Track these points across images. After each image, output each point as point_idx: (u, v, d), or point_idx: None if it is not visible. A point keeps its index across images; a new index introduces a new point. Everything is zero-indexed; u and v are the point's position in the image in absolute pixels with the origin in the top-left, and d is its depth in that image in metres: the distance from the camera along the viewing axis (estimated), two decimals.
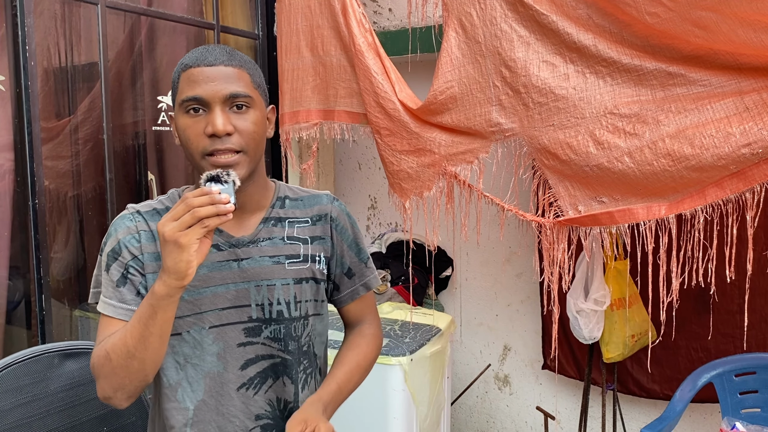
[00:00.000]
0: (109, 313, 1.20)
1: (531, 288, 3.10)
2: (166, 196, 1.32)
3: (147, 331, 1.09)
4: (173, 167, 2.70)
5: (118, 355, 1.11)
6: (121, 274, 1.21)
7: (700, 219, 1.81)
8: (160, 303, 1.07)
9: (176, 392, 1.25)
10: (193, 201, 1.02)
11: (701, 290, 2.31)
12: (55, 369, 1.58)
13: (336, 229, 1.37)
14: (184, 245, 1.02)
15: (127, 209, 1.28)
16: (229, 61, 1.18)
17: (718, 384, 2.35)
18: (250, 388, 1.27)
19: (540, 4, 1.98)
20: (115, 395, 1.15)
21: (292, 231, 1.31)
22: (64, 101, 2.34)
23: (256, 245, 1.27)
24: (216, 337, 1.24)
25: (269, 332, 1.27)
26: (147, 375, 1.14)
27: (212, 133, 1.14)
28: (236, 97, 1.17)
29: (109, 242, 1.24)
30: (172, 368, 1.25)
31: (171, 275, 1.04)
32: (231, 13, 2.93)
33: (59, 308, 2.34)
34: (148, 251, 1.22)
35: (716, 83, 1.78)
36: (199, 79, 1.15)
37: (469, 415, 3.40)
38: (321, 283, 1.35)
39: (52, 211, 2.25)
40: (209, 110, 1.15)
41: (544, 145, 2.03)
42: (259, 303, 1.26)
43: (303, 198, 1.37)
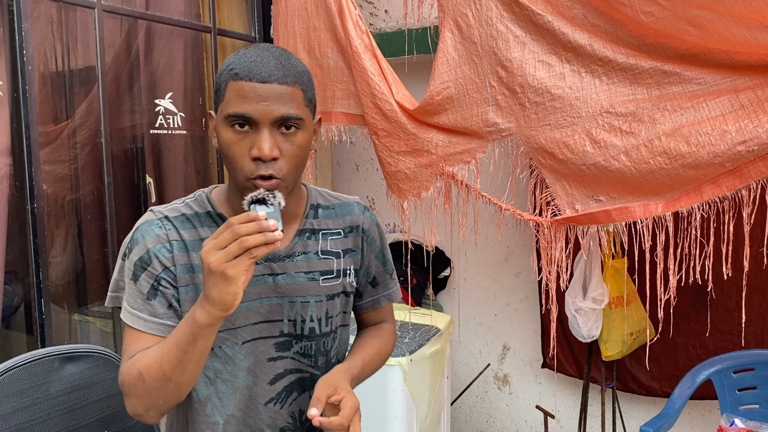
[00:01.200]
0: (140, 327, 1.14)
1: (529, 287, 3.10)
2: (193, 199, 1.24)
3: (185, 357, 1.04)
4: (171, 170, 2.71)
5: (153, 378, 1.06)
6: (151, 286, 1.15)
7: (697, 216, 1.82)
8: (202, 331, 1.02)
9: (205, 407, 1.22)
10: (240, 229, 0.95)
11: (699, 288, 2.32)
12: (56, 372, 1.58)
13: (366, 241, 1.35)
14: (232, 277, 0.95)
15: (152, 213, 1.21)
16: (284, 78, 1.09)
17: (717, 381, 2.36)
18: (277, 403, 1.24)
19: (535, 4, 1.99)
20: (147, 413, 1.11)
21: (325, 244, 1.28)
22: (61, 105, 2.35)
23: (292, 260, 1.23)
24: (248, 352, 1.21)
25: (299, 348, 1.25)
26: (181, 396, 1.11)
27: (257, 156, 1.07)
28: (287, 119, 1.09)
29: (136, 250, 1.16)
30: (202, 383, 1.21)
31: (215, 306, 0.98)
32: (227, 15, 2.94)
33: (58, 312, 2.35)
34: (180, 263, 1.16)
35: (711, 81, 1.79)
36: (250, 96, 1.07)
37: (469, 414, 3.40)
38: (350, 296, 1.34)
39: (50, 215, 2.25)
40: (256, 129, 1.08)
41: (540, 144, 2.04)
42: (291, 319, 1.24)
43: (335, 206, 1.33)
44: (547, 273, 2.11)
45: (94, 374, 1.63)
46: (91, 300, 2.46)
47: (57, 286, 2.35)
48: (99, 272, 2.43)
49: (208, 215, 1.21)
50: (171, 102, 2.62)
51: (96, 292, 2.45)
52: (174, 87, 2.66)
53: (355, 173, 3.58)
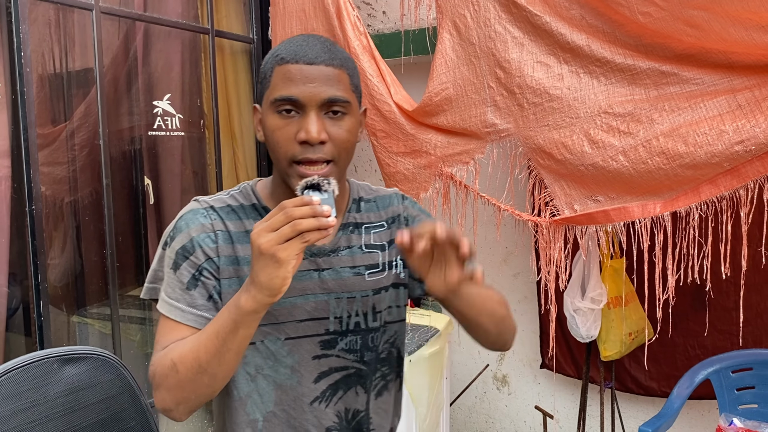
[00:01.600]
0: (176, 318, 1.10)
1: (528, 288, 3.10)
2: (238, 191, 1.21)
3: (225, 347, 1.00)
4: (169, 172, 2.70)
5: (187, 368, 1.02)
6: (192, 276, 1.11)
7: (695, 216, 1.82)
8: (245, 318, 0.98)
9: (245, 405, 1.18)
10: (294, 212, 0.92)
11: (697, 287, 2.32)
12: (55, 374, 1.57)
13: (411, 227, 1.27)
14: (283, 260, 0.92)
15: (197, 202, 1.17)
16: (330, 60, 1.07)
17: (715, 380, 2.36)
18: (322, 402, 1.20)
19: (533, 5, 2.00)
20: (177, 408, 1.07)
21: (369, 238, 1.24)
22: (60, 107, 2.35)
23: (337, 255, 1.20)
24: (291, 349, 1.17)
25: (344, 344, 1.20)
26: (215, 390, 1.07)
27: (305, 140, 1.05)
28: (334, 102, 1.07)
29: (179, 238, 1.13)
30: (243, 380, 1.17)
31: (263, 290, 0.95)
32: (225, 17, 2.94)
33: (57, 314, 2.34)
34: (224, 254, 1.13)
35: (709, 81, 1.79)
36: (296, 78, 1.05)
37: (468, 415, 3.40)
38: (400, 288, 1.27)
39: (49, 217, 2.25)
40: (303, 114, 1.06)
41: (539, 145, 2.04)
42: (337, 316, 1.19)
43: (376, 199, 1.29)
44: (546, 273, 2.11)
45: (93, 376, 1.63)
46: (90, 302, 2.46)
47: (56, 288, 2.34)
48: (98, 274, 2.43)
49: (253, 207, 1.18)
50: (169, 103, 2.62)
51: (95, 293, 2.45)
52: (172, 89, 2.66)
53: (353, 174, 3.58)
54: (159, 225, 2.66)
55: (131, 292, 2.61)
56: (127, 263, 2.55)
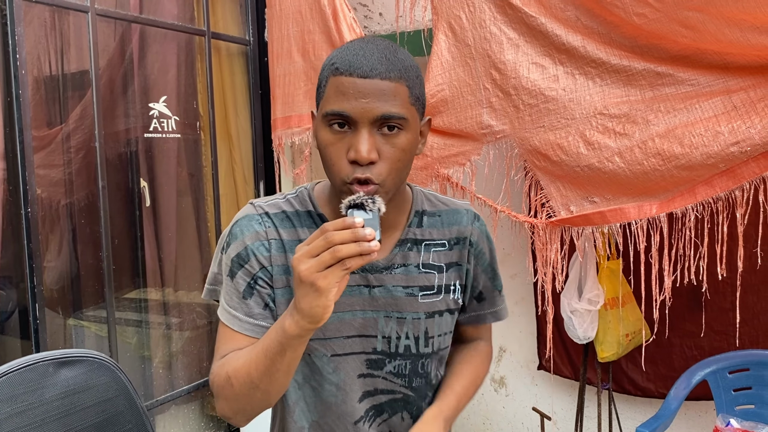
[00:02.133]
0: (234, 327, 1.10)
1: (525, 289, 3.10)
2: (295, 195, 1.18)
3: (274, 367, 1.00)
4: (165, 174, 2.70)
5: (241, 384, 1.03)
6: (247, 284, 1.11)
7: (691, 217, 1.83)
8: (291, 342, 0.97)
9: (293, 412, 1.19)
10: (334, 237, 0.88)
11: (693, 288, 2.32)
12: (50, 377, 1.57)
13: (473, 254, 1.24)
14: (323, 289, 0.89)
15: (252, 207, 1.15)
16: (387, 72, 1.00)
17: (712, 381, 2.36)
18: (365, 422, 1.18)
19: (528, 7, 2.00)
20: (236, 417, 1.09)
21: (428, 257, 1.19)
22: (55, 109, 2.34)
23: (390, 272, 1.15)
24: (337, 367, 1.15)
25: (392, 367, 1.17)
26: (270, 403, 1.07)
27: (354, 159, 1.00)
28: (389, 119, 1.01)
29: (234, 245, 1.12)
30: (291, 388, 1.17)
31: (305, 317, 0.93)
32: (222, 19, 2.94)
33: (53, 317, 2.34)
34: (277, 263, 1.12)
35: (704, 82, 1.80)
36: (349, 93, 1.00)
37: (465, 417, 3.40)
38: (455, 313, 1.23)
39: (44, 220, 2.24)
40: (355, 130, 1.01)
41: (535, 146, 2.04)
42: (386, 335, 1.16)
43: (442, 213, 1.23)
44: (542, 274, 2.11)
45: (88, 379, 1.63)
46: (86, 304, 2.45)
47: (51, 291, 2.34)
48: (93, 276, 2.42)
49: (308, 215, 1.16)
50: (165, 105, 2.62)
51: (91, 296, 2.45)
52: (168, 90, 2.66)
53: None
54: (155, 227, 2.66)
55: (127, 294, 2.61)
56: (123, 266, 2.54)
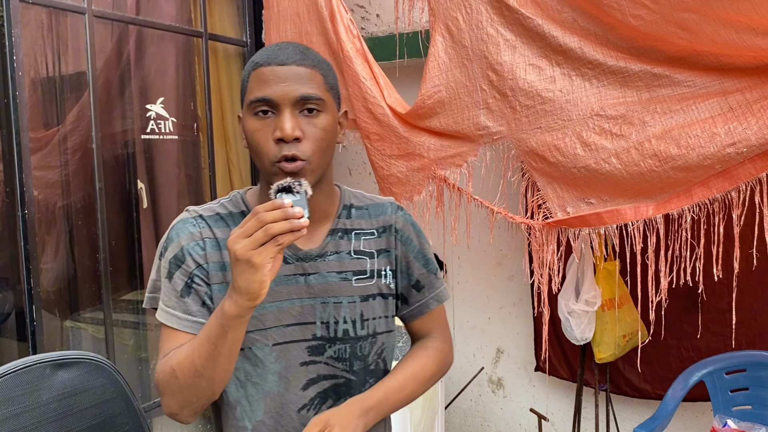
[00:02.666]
0: (174, 325, 1.14)
1: (523, 290, 3.11)
2: (228, 199, 1.24)
3: (216, 351, 1.04)
4: (163, 175, 2.70)
5: (185, 374, 1.06)
6: (185, 284, 1.15)
7: (687, 218, 1.83)
8: (231, 323, 1.01)
9: (235, 410, 1.21)
10: (266, 216, 0.95)
11: (690, 289, 2.32)
12: (47, 379, 1.57)
13: (400, 240, 1.30)
14: (258, 265, 0.95)
15: (187, 212, 1.21)
16: (302, 60, 1.11)
17: (709, 382, 2.36)
18: (310, 410, 1.21)
19: (525, 8, 2.00)
20: (182, 412, 1.11)
21: (358, 244, 1.25)
22: (52, 111, 2.34)
23: (324, 259, 1.21)
24: (279, 355, 1.19)
25: (333, 352, 1.21)
26: (215, 393, 1.11)
27: (280, 137, 1.08)
28: (307, 99, 1.10)
29: (170, 248, 1.17)
30: (232, 385, 1.20)
31: (243, 295, 0.98)
32: (219, 20, 2.94)
33: (50, 319, 2.33)
34: (213, 260, 1.16)
35: (700, 84, 1.80)
36: (269, 79, 1.09)
37: (463, 418, 3.40)
38: (389, 298, 1.28)
39: (41, 222, 2.24)
40: (278, 113, 1.09)
41: (531, 147, 2.04)
42: (324, 321, 1.20)
43: (368, 206, 1.30)
44: (539, 275, 2.11)
45: (85, 381, 1.62)
46: (83, 306, 2.45)
47: (48, 293, 2.34)
48: (90, 278, 2.42)
49: (242, 214, 1.21)
50: (162, 107, 2.62)
51: (88, 298, 2.44)
52: (165, 92, 2.66)
53: (347, 177, 3.58)
54: (153, 229, 2.66)
55: (125, 296, 2.61)
56: (120, 267, 2.54)
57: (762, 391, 2.32)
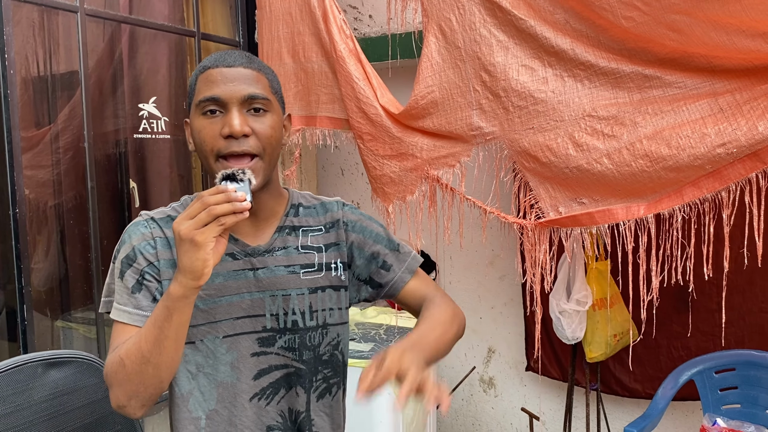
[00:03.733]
0: (124, 320, 1.17)
1: (514, 290, 3.12)
2: (179, 203, 1.29)
3: (162, 334, 1.06)
4: (155, 175, 2.69)
5: (132, 361, 1.08)
6: (136, 281, 1.18)
7: (678, 218, 1.84)
8: (176, 304, 1.04)
9: (188, 402, 1.23)
10: (209, 199, 1.00)
11: (680, 289, 2.34)
12: (39, 378, 1.56)
13: (351, 231, 1.34)
14: (201, 243, 0.99)
15: (140, 216, 1.25)
16: (249, 63, 1.18)
17: (699, 381, 2.39)
18: (262, 399, 1.25)
19: (518, 9, 2.01)
20: (129, 403, 1.12)
21: (306, 240, 1.30)
22: (44, 110, 2.33)
23: (272, 254, 1.26)
24: (230, 347, 1.22)
25: (283, 342, 1.25)
26: (162, 381, 1.11)
27: (229, 133, 1.12)
28: (254, 98, 1.15)
29: (122, 249, 1.20)
30: (184, 378, 1.23)
31: (187, 275, 1.02)
32: (212, 20, 2.93)
33: (41, 319, 2.32)
34: (164, 258, 1.20)
35: (691, 85, 1.82)
36: (218, 80, 1.14)
37: (454, 418, 3.41)
38: (341, 290, 1.32)
39: (33, 221, 2.23)
40: (226, 111, 1.14)
41: (524, 147, 2.05)
42: (273, 313, 1.25)
43: (315, 206, 1.35)
44: (531, 275, 2.12)
45: (77, 380, 1.62)
46: (74, 306, 2.44)
47: (39, 292, 2.32)
48: (82, 278, 2.41)
49: None
50: (155, 106, 2.61)
51: (79, 297, 2.43)
52: (158, 91, 2.65)
53: (340, 177, 3.58)
54: None
55: None
56: None
57: (751, 389, 2.34)
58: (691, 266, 1.88)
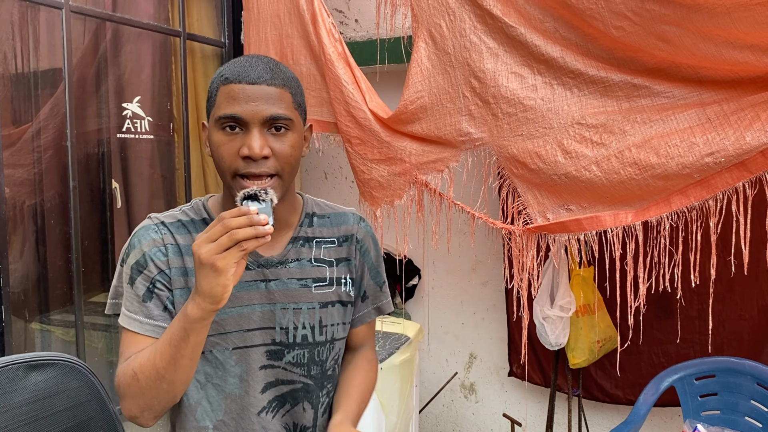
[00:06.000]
0: (135, 329, 1.15)
1: (497, 296, 3.13)
2: (190, 207, 1.26)
3: (178, 353, 1.05)
4: (138, 175, 2.65)
5: (147, 377, 1.07)
6: (147, 289, 1.16)
7: (666, 226, 1.87)
8: (193, 326, 1.03)
9: (195, 411, 1.22)
10: (231, 222, 0.97)
11: (661, 296, 2.37)
12: (20, 381, 1.52)
13: (360, 251, 1.34)
14: (221, 269, 0.97)
15: (150, 219, 1.23)
16: (272, 80, 1.13)
17: (680, 387, 2.41)
18: (269, 412, 1.24)
19: (508, 17, 2.03)
20: (142, 415, 1.11)
21: (319, 252, 1.28)
22: (26, 107, 2.28)
23: (285, 266, 1.24)
24: (239, 359, 1.21)
25: (291, 357, 1.24)
26: (176, 395, 1.12)
27: (248, 155, 1.10)
28: (276, 119, 1.12)
29: (132, 254, 1.18)
30: (193, 387, 1.21)
31: (206, 299, 1.00)
32: (197, 20, 2.91)
33: (16, 321, 2.27)
34: (175, 266, 1.18)
35: (679, 95, 1.85)
36: (239, 97, 1.11)
37: (435, 423, 3.41)
38: (347, 306, 1.31)
39: (12, 220, 2.18)
40: (246, 130, 1.11)
41: (513, 154, 2.07)
42: (283, 326, 1.23)
43: (330, 215, 1.33)
44: (518, 281, 2.13)
45: (59, 383, 1.58)
46: (53, 307, 2.39)
47: (17, 294, 2.27)
48: (62, 279, 2.36)
49: (203, 222, 1.23)
50: (139, 106, 2.57)
51: (58, 299, 2.38)
52: (142, 91, 2.61)
53: (323, 181, 3.57)
54: (126, 229, 2.61)
55: (95, 298, 2.55)
56: (92, 268, 2.48)
57: (730, 396, 2.38)
58: (679, 273, 1.91)
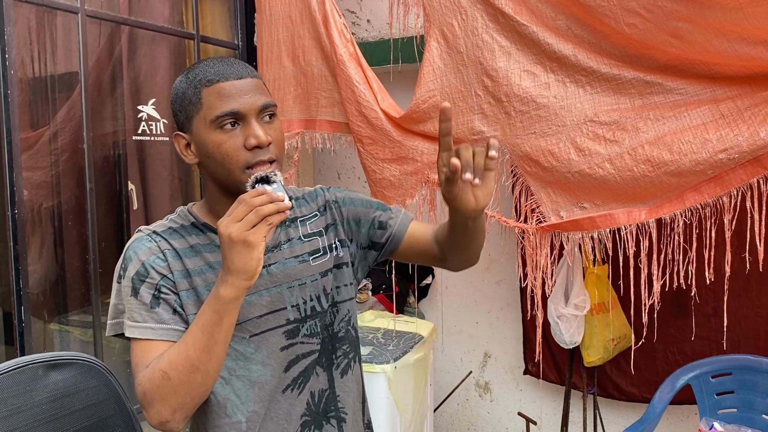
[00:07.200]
0: (150, 336, 1.15)
1: (511, 295, 3.13)
2: (176, 215, 1.29)
3: (212, 339, 1.07)
4: (154, 177, 2.68)
5: (180, 372, 1.08)
6: (152, 296, 1.17)
7: (679, 223, 1.86)
8: (227, 307, 1.06)
9: (225, 408, 1.23)
10: (254, 200, 1.03)
11: (676, 294, 2.36)
12: (40, 380, 1.55)
13: (341, 207, 1.37)
14: (254, 243, 1.02)
15: (140, 232, 1.25)
16: (251, 73, 1.20)
17: (696, 386, 2.40)
18: (294, 389, 1.26)
19: (520, 15, 2.03)
20: (174, 417, 1.11)
21: (305, 228, 1.33)
22: (43, 111, 2.31)
23: (279, 249, 1.28)
24: (258, 346, 1.23)
25: (306, 329, 1.28)
26: (208, 389, 1.13)
27: (256, 145, 1.14)
28: (267, 107, 1.18)
29: (130, 266, 1.19)
30: (218, 385, 1.22)
31: (240, 275, 1.04)
32: (211, 23, 2.93)
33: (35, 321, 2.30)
34: (176, 269, 1.20)
35: (692, 92, 1.83)
36: (233, 93, 1.15)
37: (450, 422, 3.41)
38: (343, 267, 1.35)
39: (31, 222, 2.21)
40: (244, 123, 1.16)
41: (526, 152, 2.07)
42: (294, 304, 1.27)
43: (304, 196, 1.39)
44: (532, 279, 2.13)
45: (78, 382, 1.61)
46: (71, 308, 2.42)
47: (36, 294, 2.30)
48: (79, 280, 2.39)
49: (193, 226, 1.26)
50: (154, 108, 2.60)
51: (76, 300, 2.41)
52: (157, 93, 2.64)
53: (336, 181, 3.59)
54: None
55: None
56: (109, 269, 2.51)
57: (748, 394, 2.36)
58: (693, 270, 1.90)
